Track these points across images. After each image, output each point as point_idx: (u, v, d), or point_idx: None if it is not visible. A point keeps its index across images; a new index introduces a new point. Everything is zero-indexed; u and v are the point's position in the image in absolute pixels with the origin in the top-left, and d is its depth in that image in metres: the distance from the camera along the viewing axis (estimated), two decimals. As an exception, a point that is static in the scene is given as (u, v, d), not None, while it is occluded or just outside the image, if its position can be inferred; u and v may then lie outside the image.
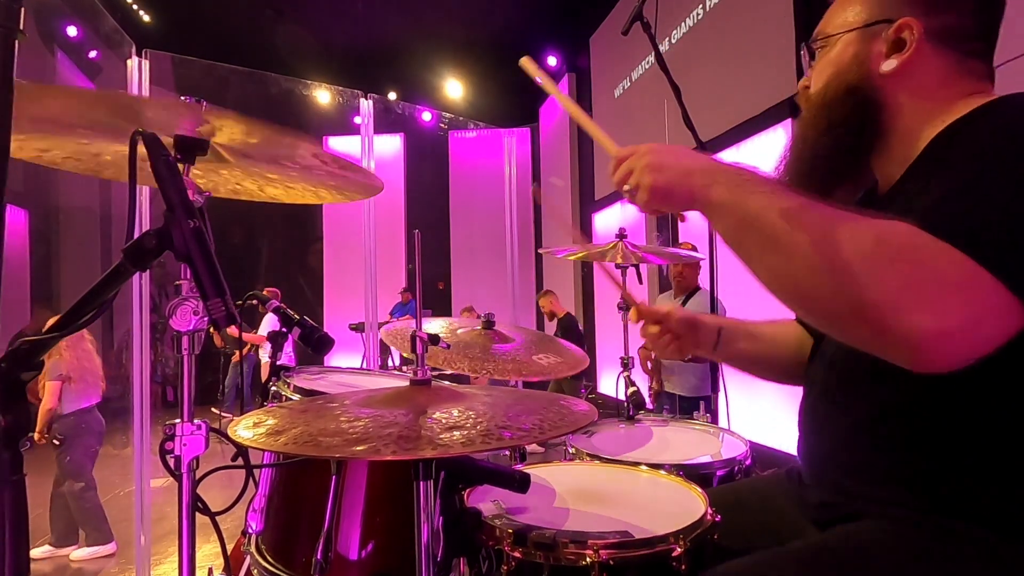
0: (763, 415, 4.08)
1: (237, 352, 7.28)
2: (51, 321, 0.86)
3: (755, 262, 0.79)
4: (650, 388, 3.81)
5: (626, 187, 0.91)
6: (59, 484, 3.73)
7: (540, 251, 4.59)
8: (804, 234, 0.73)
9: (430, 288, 9.11)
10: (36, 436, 3.55)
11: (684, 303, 3.61)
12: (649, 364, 3.76)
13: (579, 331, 6.38)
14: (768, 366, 1.22)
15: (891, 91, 0.91)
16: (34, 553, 3.63)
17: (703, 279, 3.60)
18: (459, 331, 1.69)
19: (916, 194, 0.82)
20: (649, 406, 3.44)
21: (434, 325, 1.74)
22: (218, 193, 1.18)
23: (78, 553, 3.74)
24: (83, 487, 3.71)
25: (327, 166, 1.07)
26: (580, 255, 2.23)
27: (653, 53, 2.05)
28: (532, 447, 3.97)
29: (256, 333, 6.22)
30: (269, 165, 1.08)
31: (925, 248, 0.68)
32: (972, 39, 0.89)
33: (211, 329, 0.89)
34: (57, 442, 3.63)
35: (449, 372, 1.52)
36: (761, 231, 0.77)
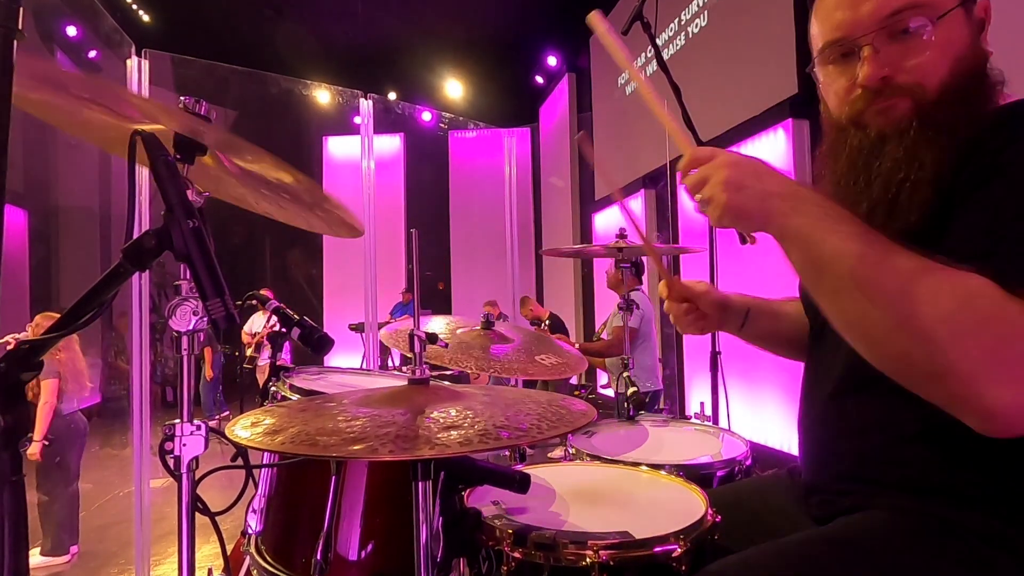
0: (763, 415, 4.08)
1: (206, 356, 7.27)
2: (37, 319, 0.86)
3: (827, 304, 0.77)
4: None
5: (698, 196, 0.85)
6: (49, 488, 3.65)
7: (540, 252, 4.59)
8: (882, 288, 0.70)
9: (430, 288, 9.11)
10: (39, 439, 3.49)
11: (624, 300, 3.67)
12: None
13: (565, 327, 6.47)
14: (788, 343, 1.22)
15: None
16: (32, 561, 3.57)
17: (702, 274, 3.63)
18: (459, 331, 1.69)
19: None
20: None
21: (434, 324, 1.74)
22: (216, 195, 1.17)
23: (33, 558, 3.59)
24: (56, 491, 3.63)
25: (318, 202, 1.06)
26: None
27: (653, 53, 2.05)
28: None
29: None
30: (259, 182, 1.07)
31: (1008, 321, 0.66)
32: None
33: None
34: (47, 442, 3.56)
35: (449, 372, 1.52)
36: (838, 275, 0.74)
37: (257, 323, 6.33)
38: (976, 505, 0.79)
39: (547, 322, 6.09)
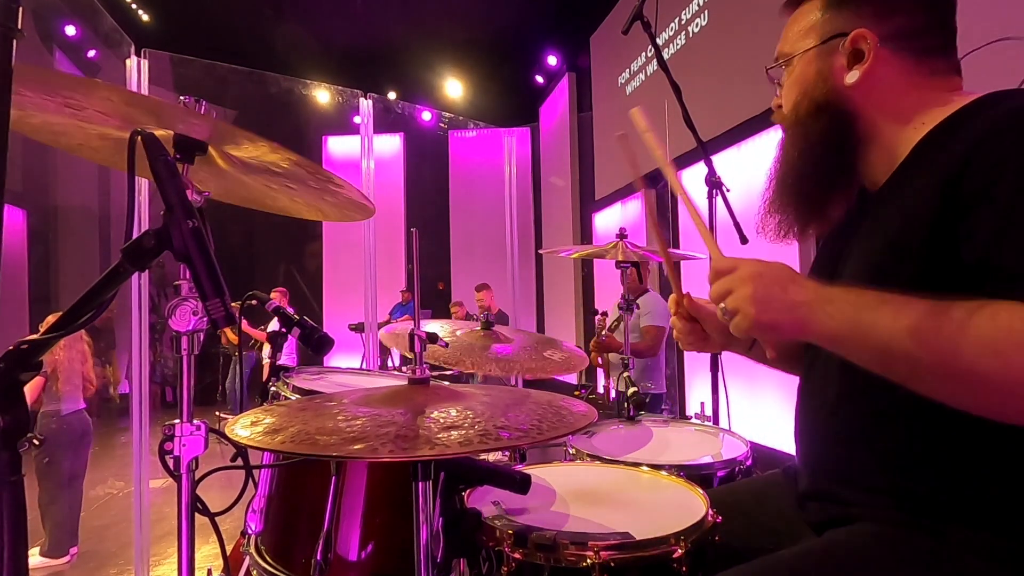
0: (763, 415, 4.08)
1: (238, 353, 7.31)
2: (49, 319, 0.86)
3: (911, 386, 0.76)
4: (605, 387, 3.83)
5: (722, 306, 0.85)
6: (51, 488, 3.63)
7: (540, 251, 4.57)
8: (946, 354, 0.70)
9: (430, 288, 9.10)
10: None
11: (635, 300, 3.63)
12: (599, 361, 3.72)
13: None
14: (794, 359, 1.19)
15: (860, 101, 0.92)
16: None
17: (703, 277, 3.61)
18: (458, 332, 1.69)
19: (910, 196, 0.84)
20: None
21: (432, 327, 1.74)
22: (227, 198, 1.17)
23: (32, 558, 3.57)
24: (51, 491, 3.61)
25: (323, 181, 1.07)
26: (584, 254, 2.24)
27: (654, 52, 2.04)
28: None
29: (262, 329, 6.24)
30: (264, 175, 1.08)
31: None
32: (928, 35, 0.90)
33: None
34: (37, 442, 3.47)
35: (449, 372, 1.52)
36: (901, 359, 0.74)
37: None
38: (970, 516, 0.79)
39: (485, 313, 5.97)
